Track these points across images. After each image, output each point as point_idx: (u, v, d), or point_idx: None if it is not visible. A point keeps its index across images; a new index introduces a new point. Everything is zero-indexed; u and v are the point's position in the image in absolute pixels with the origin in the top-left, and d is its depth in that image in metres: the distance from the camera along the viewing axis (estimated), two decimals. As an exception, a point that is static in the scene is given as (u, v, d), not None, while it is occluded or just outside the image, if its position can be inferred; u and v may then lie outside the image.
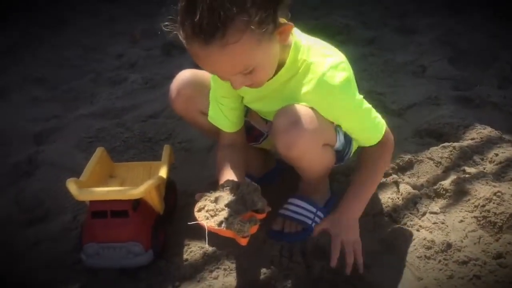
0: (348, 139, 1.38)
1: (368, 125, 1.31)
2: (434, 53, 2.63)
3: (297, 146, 1.21)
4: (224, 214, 1.15)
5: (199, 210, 1.17)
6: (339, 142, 1.35)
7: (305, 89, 1.21)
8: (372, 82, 2.37)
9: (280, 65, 1.21)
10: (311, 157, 1.30)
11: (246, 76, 1.11)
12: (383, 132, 1.33)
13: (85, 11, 3.75)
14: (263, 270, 1.35)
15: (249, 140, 1.55)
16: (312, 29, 2.88)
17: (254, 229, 1.15)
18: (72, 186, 1.32)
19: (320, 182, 1.49)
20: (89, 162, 1.46)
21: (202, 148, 1.90)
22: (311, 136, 1.21)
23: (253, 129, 1.52)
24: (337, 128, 1.33)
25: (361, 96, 1.27)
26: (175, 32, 1.04)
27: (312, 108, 1.22)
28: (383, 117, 2.02)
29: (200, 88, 1.41)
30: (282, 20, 1.09)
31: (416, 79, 2.41)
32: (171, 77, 1.48)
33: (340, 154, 1.40)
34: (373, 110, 1.31)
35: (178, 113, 1.50)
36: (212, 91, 1.39)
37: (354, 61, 2.55)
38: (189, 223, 1.15)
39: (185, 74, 1.43)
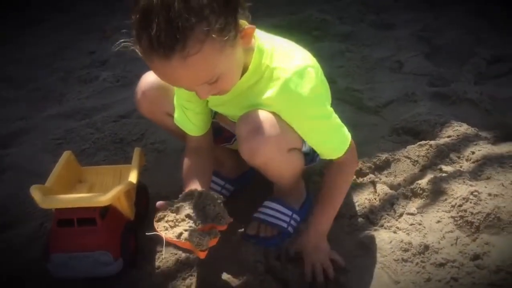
0: None
1: (332, 137, 1.25)
2: (411, 49, 2.61)
3: (260, 153, 1.18)
4: (183, 225, 1.10)
5: (159, 220, 1.12)
6: (307, 144, 1.31)
7: (267, 94, 1.16)
8: (349, 79, 2.35)
9: (244, 70, 1.15)
10: (277, 163, 1.27)
11: (212, 85, 1.05)
12: (347, 146, 1.27)
13: (57, 7, 3.64)
14: (238, 276, 1.32)
15: (221, 141, 1.51)
16: (288, 24, 2.91)
17: (213, 242, 1.11)
18: (36, 193, 1.26)
19: (294, 184, 1.46)
20: (55, 167, 1.40)
21: (176, 149, 1.85)
22: (274, 142, 1.18)
23: (224, 130, 1.47)
24: None
25: (329, 106, 1.23)
26: (132, 48, 0.97)
27: (274, 113, 1.18)
28: (360, 114, 2.02)
29: (165, 90, 1.35)
30: (243, 22, 1.04)
31: (393, 75, 2.39)
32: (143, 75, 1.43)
33: (310, 156, 1.37)
34: (341, 125, 1.25)
35: (145, 115, 1.46)
36: (176, 95, 1.34)
37: (331, 57, 2.57)
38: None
39: (150, 76, 1.38)
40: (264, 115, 1.17)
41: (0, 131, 2.08)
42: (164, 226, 1.10)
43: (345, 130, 1.26)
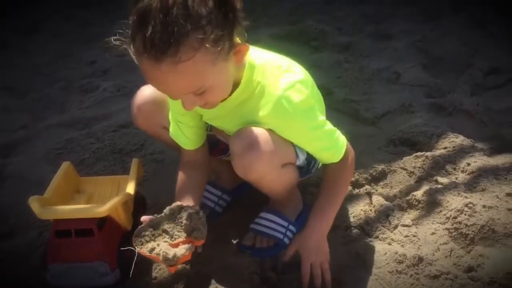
0: (311, 156, 1.35)
1: (329, 143, 1.28)
2: (409, 60, 2.63)
3: (254, 169, 1.20)
4: (159, 240, 1.13)
5: (137, 235, 1.15)
6: (301, 159, 1.32)
7: (262, 112, 1.18)
8: (347, 89, 2.36)
9: (235, 85, 1.17)
10: (270, 178, 1.28)
11: (198, 96, 1.06)
12: (344, 150, 1.30)
13: (58, 16, 3.67)
14: (233, 286, 1.32)
15: (218, 153, 1.53)
16: (288, 35, 2.93)
17: (186, 257, 1.12)
18: (34, 204, 1.27)
19: (290, 195, 1.47)
20: (54, 178, 1.42)
21: (174, 160, 1.85)
22: (268, 158, 1.19)
23: (220, 142, 1.49)
24: (296, 145, 1.30)
25: (322, 117, 1.26)
26: (124, 47, 0.99)
27: (268, 129, 1.20)
28: (357, 125, 2.04)
29: (161, 104, 1.37)
30: (238, 40, 1.06)
31: (391, 86, 2.41)
32: (143, 85, 1.45)
33: (305, 169, 1.38)
34: (335, 130, 1.28)
35: (141, 128, 1.48)
36: (171, 109, 1.35)
37: (329, 68, 2.59)
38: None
39: (145, 90, 1.40)
40: (257, 132, 1.18)
41: (1, 140, 2.10)
42: (140, 241, 1.14)
43: (339, 134, 1.29)
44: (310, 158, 1.35)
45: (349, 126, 2.02)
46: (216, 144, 1.49)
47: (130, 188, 1.39)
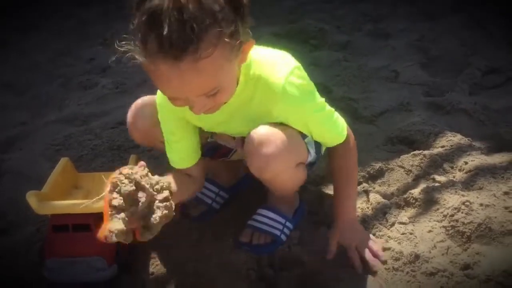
0: (318, 150, 1.36)
1: (332, 124, 1.30)
2: (407, 59, 2.63)
3: (270, 169, 1.20)
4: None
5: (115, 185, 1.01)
6: (311, 156, 1.33)
7: (270, 105, 1.18)
8: (345, 88, 2.37)
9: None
10: (284, 177, 1.29)
11: (210, 98, 1.04)
12: (346, 130, 1.33)
13: (56, 14, 3.66)
14: (231, 283, 1.33)
15: (218, 156, 1.52)
16: (287, 33, 2.93)
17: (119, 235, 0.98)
18: (32, 199, 1.28)
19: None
20: (52, 173, 1.42)
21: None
22: (283, 158, 1.20)
23: (221, 146, 1.48)
24: (307, 142, 1.30)
25: (321, 98, 1.26)
26: (130, 54, 0.96)
27: (282, 127, 1.20)
28: (356, 124, 2.04)
29: (156, 120, 1.34)
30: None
31: (389, 84, 2.41)
32: (142, 82, 1.45)
33: (316, 164, 1.39)
34: (333, 110, 1.30)
35: (137, 142, 1.49)
36: (163, 129, 1.34)
37: (328, 66, 2.59)
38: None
39: (141, 105, 1.38)
40: (272, 131, 1.18)
41: (0, 136, 2.10)
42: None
43: (337, 114, 1.31)
44: (317, 156, 1.35)
45: (347, 124, 2.01)
46: (217, 149, 1.48)
47: (128, 184, 1.39)
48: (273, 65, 1.18)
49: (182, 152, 1.36)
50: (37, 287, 1.35)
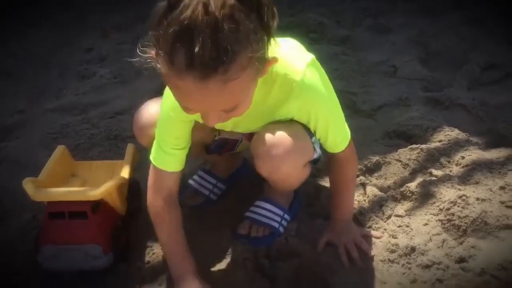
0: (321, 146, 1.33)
1: (341, 127, 1.27)
2: (407, 54, 2.63)
3: (280, 171, 1.20)
4: None
5: None
6: (317, 153, 1.29)
7: (286, 103, 1.14)
8: (344, 82, 2.36)
9: None
10: (293, 178, 1.30)
11: (227, 112, 0.99)
12: (350, 135, 1.30)
13: (55, 4, 3.64)
14: (227, 273, 1.33)
15: (225, 151, 1.50)
16: (287, 26, 2.92)
17: None
18: (28, 186, 1.28)
19: None
20: (49, 161, 1.42)
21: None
22: (293, 160, 1.19)
23: (228, 142, 1.45)
24: (314, 141, 1.27)
25: (334, 93, 1.23)
26: (149, 61, 0.91)
27: (290, 126, 1.18)
28: (354, 117, 2.04)
29: None
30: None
31: (388, 79, 2.41)
32: (141, 72, 1.43)
33: (314, 163, 1.35)
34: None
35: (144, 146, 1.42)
36: (163, 133, 1.25)
37: (327, 60, 2.57)
38: None
39: (146, 113, 1.34)
40: (281, 132, 1.16)
41: (-3, 124, 2.10)
42: None
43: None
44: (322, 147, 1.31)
45: (346, 118, 2.01)
46: (224, 146, 1.46)
47: (125, 173, 1.40)
48: (288, 60, 1.12)
49: (180, 156, 1.28)
50: (33, 275, 1.34)
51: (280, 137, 1.16)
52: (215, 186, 1.61)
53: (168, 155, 1.25)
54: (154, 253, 1.40)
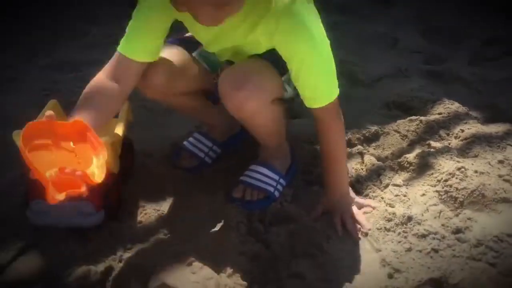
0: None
1: (327, 75, 1.19)
2: (408, 27, 2.60)
3: (245, 108, 1.20)
4: None
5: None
6: (288, 93, 1.28)
7: (267, 24, 1.11)
8: (343, 52, 2.31)
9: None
10: (261, 116, 1.28)
11: (218, 9, 0.99)
12: (337, 93, 1.22)
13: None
14: (220, 234, 1.31)
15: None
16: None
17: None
18: (18, 138, 1.22)
19: (279, 147, 1.46)
20: (40, 114, 1.37)
21: (166, 108, 1.82)
22: (257, 96, 1.18)
23: None
24: (284, 80, 1.26)
25: (329, 48, 1.18)
26: None
27: (256, 62, 1.18)
28: (353, 88, 2.01)
29: (173, 73, 1.29)
30: None
31: (388, 50, 2.38)
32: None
33: (290, 101, 1.33)
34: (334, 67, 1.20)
35: (153, 99, 1.39)
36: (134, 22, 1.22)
37: (327, 29, 2.50)
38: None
39: (158, 79, 1.28)
40: (245, 69, 1.17)
41: (-14, 79, 2.04)
42: None
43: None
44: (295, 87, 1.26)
45: (344, 88, 1.97)
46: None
47: (119, 130, 1.35)
48: None
49: (150, 42, 1.22)
50: (20, 230, 1.31)
51: (245, 74, 1.17)
52: (210, 149, 1.58)
53: (137, 41, 1.21)
54: (146, 213, 1.37)
